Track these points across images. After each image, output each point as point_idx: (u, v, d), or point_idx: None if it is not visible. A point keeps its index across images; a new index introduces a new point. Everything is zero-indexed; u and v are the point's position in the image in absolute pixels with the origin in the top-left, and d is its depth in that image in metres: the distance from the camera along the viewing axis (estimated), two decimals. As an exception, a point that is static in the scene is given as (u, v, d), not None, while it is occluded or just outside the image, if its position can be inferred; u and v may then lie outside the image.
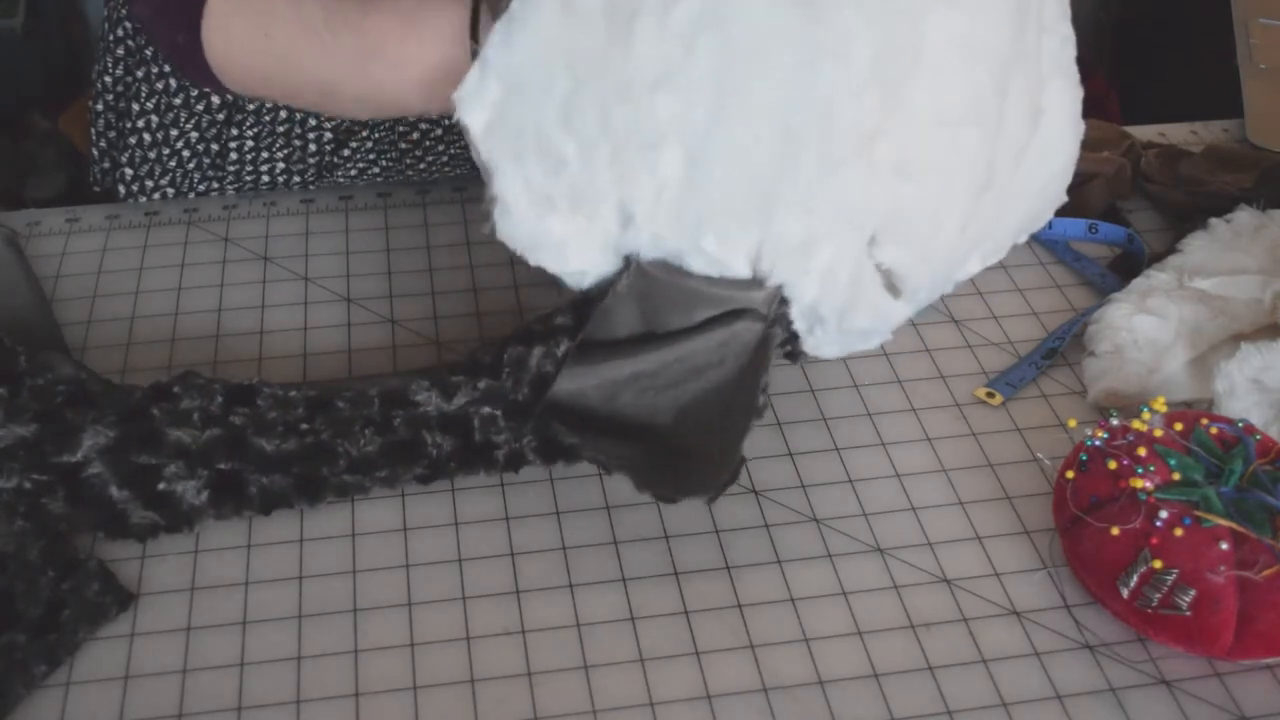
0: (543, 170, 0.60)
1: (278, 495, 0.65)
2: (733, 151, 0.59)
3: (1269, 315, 0.75)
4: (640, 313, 0.64)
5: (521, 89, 0.59)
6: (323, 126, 0.87)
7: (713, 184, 0.60)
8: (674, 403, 0.65)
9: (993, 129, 0.62)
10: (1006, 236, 0.69)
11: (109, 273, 0.82)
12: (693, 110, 0.58)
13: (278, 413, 0.66)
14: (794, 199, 0.60)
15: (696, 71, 0.58)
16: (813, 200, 0.60)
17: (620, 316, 0.64)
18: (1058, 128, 0.66)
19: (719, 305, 0.63)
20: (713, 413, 0.64)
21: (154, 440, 0.64)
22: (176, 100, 0.86)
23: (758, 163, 0.59)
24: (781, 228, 0.60)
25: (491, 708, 0.59)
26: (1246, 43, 1.00)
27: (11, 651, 0.59)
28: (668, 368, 0.64)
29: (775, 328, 0.64)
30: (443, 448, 0.66)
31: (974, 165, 0.63)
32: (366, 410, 0.66)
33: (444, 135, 0.89)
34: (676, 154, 0.59)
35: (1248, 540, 0.61)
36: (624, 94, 0.58)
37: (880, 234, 0.62)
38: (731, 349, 0.64)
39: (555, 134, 0.60)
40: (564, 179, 0.60)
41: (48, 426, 0.64)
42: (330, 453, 0.65)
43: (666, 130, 0.59)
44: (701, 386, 0.64)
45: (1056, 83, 0.66)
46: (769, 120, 0.58)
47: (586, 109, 0.59)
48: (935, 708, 0.60)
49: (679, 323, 0.64)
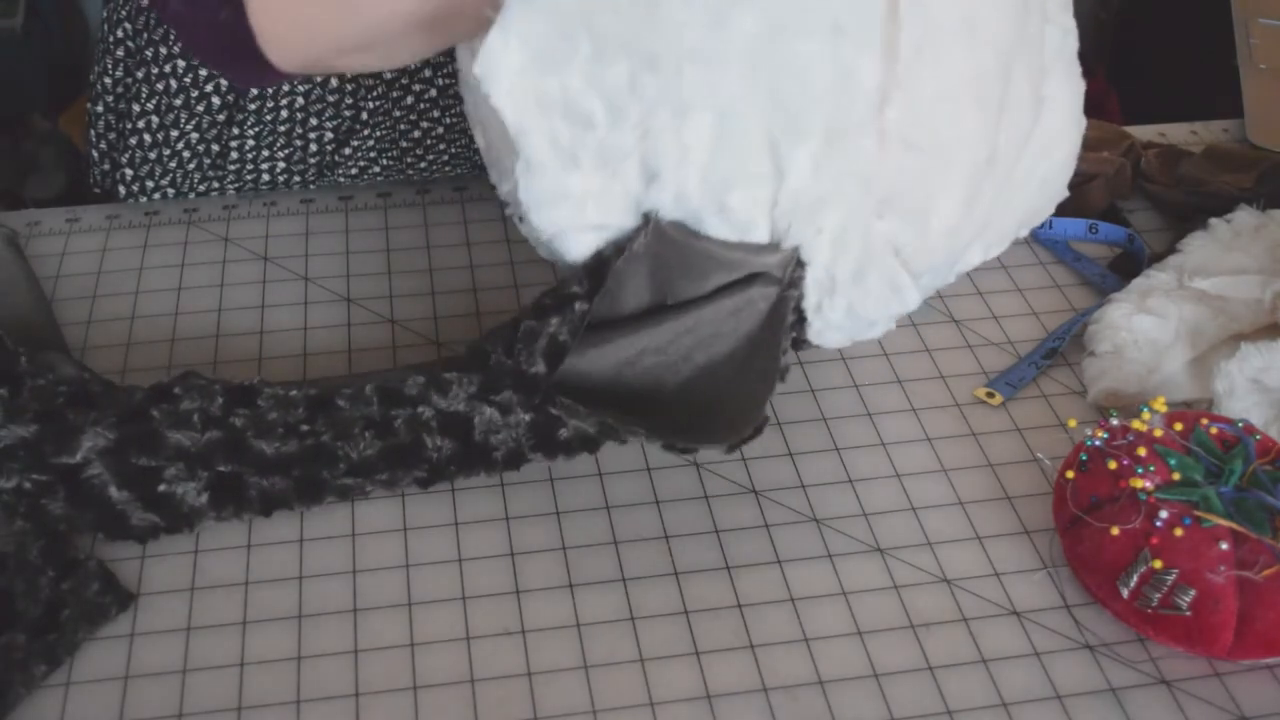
0: (569, 128, 0.60)
1: (277, 497, 0.65)
2: (760, 115, 0.60)
3: (1269, 315, 0.75)
4: (652, 280, 0.64)
5: (545, 53, 0.59)
6: (324, 126, 0.88)
7: (740, 146, 0.60)
8: (679, 375, 0.65)
9: (995, 111, 0.63)
10: (1008, 227, 0.69)
11: (109, 273, 0.82)
12: (723, 80, 0.59)
13: (278, 413, 0.66)
14: (810, 158, 0.61)
15: (727, 44, 0.58)
16: (829, 160, 0.61)
17: (633, 283, 0.63)
18: (1060, 119, 0.67)
19: (734, 270, 0.63)
20: (724, 382, 0.64)
21: (154, 442, 0.64)
22: (177, 101, 0.86)
23: (781, 125, 0.60)
24: (797, 183, 0.61)
25: (491, 708, 0.59)
26: (1246, 43, 1.00)
27: (11, 651, 0.59)
28: (677, 340, 0.64)
29: (791, 290, 0.64)
30: (443, 450, 0.66)
31: (976, 144, 0.63)
32: (366, 409, 0.66)
33: (445, 134, 0.89)
34: (705, 119, 0.60)
35: (1248, 540, 0.61)
36: (652, 64, 0.59)
37: (884, 204, 0.63)
38: (745, 316, 0.64)
39: (582, 95, 0.60)
40: (591, 137, 0.61)
41: (48, 427, 0.64)
42: (330, 455, 0.66)
43: (695, 98, 0.59)
44: (710, 358, 0.64)
45: (1058, 74, 0.66)
46: (794, 85, 0.59)
47: (614, 73, 0.59)
48: (935, 708, 0.60)
49: (691, 290, 0.63)
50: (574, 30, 0.59)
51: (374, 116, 0.88)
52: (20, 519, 0.63)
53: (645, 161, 0.61)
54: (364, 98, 0.87)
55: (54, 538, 0.63)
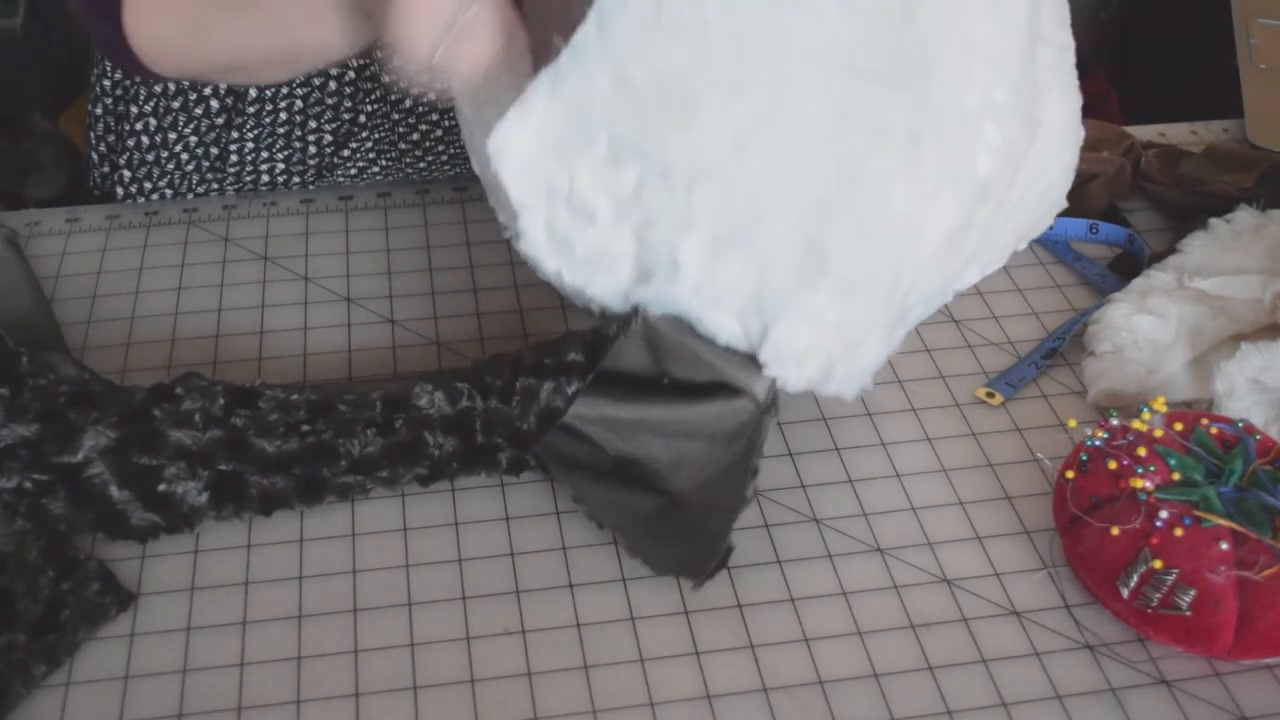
0: (570, 219, 0.60)
1: (278, 497, 0.65)
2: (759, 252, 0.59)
3: (1269, 315, 0.75)
4: (650, 355, 0.64)
5: (560, 143, 0.59)
6: (322, 129, 0.88)
7: (731, 277, 0.60)
8: (672, 452, 0.65)
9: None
10: (1005, 245, 0.69)
11: (109, 273, 0.82)
12: (728, 205, 0.58)
13: (279, 415, 0.66)
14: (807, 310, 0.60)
15: (742, 170, 0.58)
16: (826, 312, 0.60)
17: (631, 354, 0.64)
18: (1056, 135, 0.66)
19: (720, 376, 0.63)
20: (707, 473, 0.65)
21: (155, 441, 0.64)
22: (175, 103, 0.86)
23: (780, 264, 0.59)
24: (786, 331, 0.61)
25: (491, 708, 0.59)
26: (1246, 43, 1.00)
27: (11, 651, 0.59)
28: (669, 423, 0.65)
29: (768, 416, 0.64)
30: (444, 448, 0.66)
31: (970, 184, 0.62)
32: (368, 413, 0.66)
33: (444, 136, 0.89)
34: (703, 240, 0.59)
35: (1248, 540, 0.61)
36: (665, 176, 0.58)
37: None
38: (725, 425, 0.64)
39: (589, 191, 0.59)
40: (590, 233, 0.61)
41: (49, 426, 0.64)
42: (331, 453, 0.66)
43: (699, 218, 0.59)
44: (699, 447, 0.65)
45: (1055, 92, 0.65)
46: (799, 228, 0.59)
47: (624, 177, 0.59)
48: (935, 708, 0.60)
49: (686, 374, 0.64)
50: (594, 126, 0.58)
51: (372, 119, 0.88)
52: (21, 518, 0.63)
53: (641, 266, 0.61)
54: (362, 100, 0.87)
55: (54, 538, 0.63)
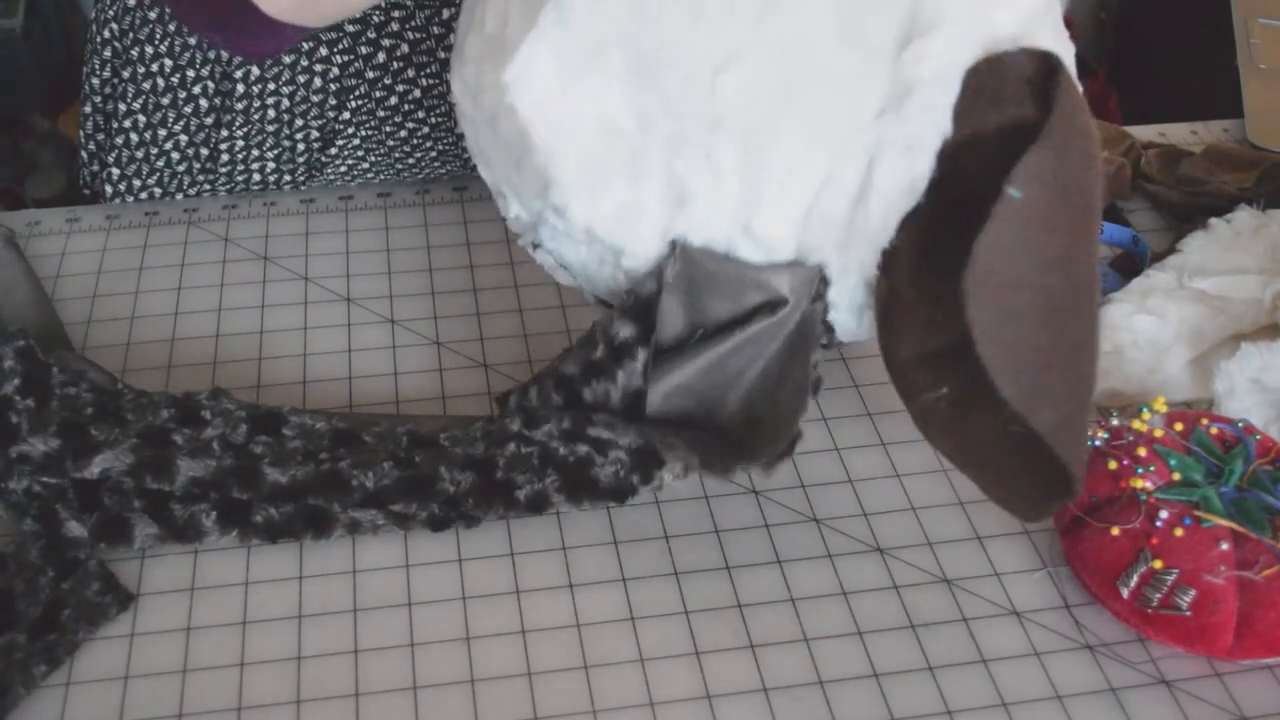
0: (597, 150, 0.60)
1: (284, 527, 0.65)
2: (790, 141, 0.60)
3: (1269, 315, 0.75)
4: (685, 307, 0.64)
5: (576, 68, 0.59)
6: (309, 126, 0.87)
7: (766, 172, 0.60)
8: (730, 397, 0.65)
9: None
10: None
11: (109, 273, 0.82)
12: (755, 94, 0.59)
13: (302, 442, 0.66)
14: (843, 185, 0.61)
15: (763, 55, 0.58)
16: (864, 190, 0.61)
17: (670, 314, 0.64)
18: None
19: (762, 290, 0.63)
20: (761, 399, 0.65)
21: (169, 470, 0.64)
22: (164, 100, 0.86)
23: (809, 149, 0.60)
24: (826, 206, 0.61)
25: (491, 708, 0.59)
26: (1246, 43, 1.00)
27: (11, 651, 0.59)
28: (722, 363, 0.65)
29: (818, 303, 0.65)
30: (460, 484, 0.65)
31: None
32: (391, 446, 0.66)
33: (431, 133, 0.89)
34: (733, 139, 0.59)
35: (1248, 540, 0.61)
36: (687, 75, 0.59)
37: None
38: (770, 335, 0.64)
39: (612, 110, 0.60)
40: (619, 152, 0.60)
41: (68, 443, 0.64)
42: (344, 483, 0.65)
43: (726, 114, 0.59)
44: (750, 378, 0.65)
45: None
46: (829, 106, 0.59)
47: (646, 88, 0.59)
48: (935, 708, 0.60)
49: (725, 310, 0.64)
50: (607, 45, 0.59)
51: (357, 115, 0.87)
52: (31, 519, 0.63)
53: (674, 182, 0.61)
54: (347, 98, 0.87)
55: (56, 538, 0.63)
